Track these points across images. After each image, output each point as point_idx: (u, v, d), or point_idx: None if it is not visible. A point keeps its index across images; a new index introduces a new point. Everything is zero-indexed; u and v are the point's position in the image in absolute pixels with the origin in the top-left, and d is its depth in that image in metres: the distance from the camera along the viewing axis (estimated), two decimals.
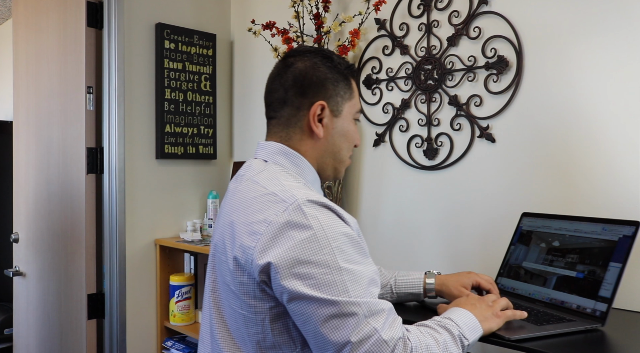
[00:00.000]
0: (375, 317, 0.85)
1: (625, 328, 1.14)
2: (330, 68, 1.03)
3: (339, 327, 0.82)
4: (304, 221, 0.86)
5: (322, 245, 0.85)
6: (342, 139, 1.06)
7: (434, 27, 1.79)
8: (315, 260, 0.84)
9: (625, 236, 1.16)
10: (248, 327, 0.91)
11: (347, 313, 0.83)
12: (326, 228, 0.87)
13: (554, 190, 1.52)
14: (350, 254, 0.88)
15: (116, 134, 2.19)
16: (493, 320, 1.02)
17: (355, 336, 0.82)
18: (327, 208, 0.90)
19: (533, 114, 1.56)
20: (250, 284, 0.88)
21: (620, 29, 1.40)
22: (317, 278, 0.84)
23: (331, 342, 0.83)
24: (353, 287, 0.85)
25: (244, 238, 0.89)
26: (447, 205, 1.76)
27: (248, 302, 0.89)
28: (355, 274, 0.86)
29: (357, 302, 0.84)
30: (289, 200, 0.89)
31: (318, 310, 0.83)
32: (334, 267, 0.84)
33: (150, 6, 2.30)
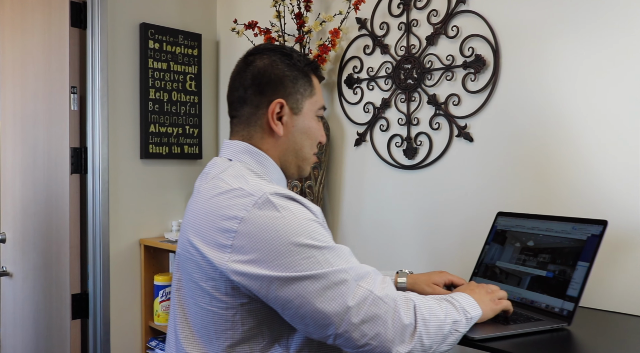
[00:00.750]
0: (365, 279, 0.88)
1: (591, 327, 1.14)
2: (289, 65, 1.03)
3: (335, 297, 0.84)
4: (275, 213, 0.87)
5: (297, 232, 0.86)
6: (304, 136, 1.06)
7: (414, 26, 1.79)
8: (294, 246, 0.86)
9: (593, 235, 1.16)
10: (216, 324, 0.91)
11: (338, 281, 0.85)
12: (298, 215, 0.88)
13: (531, 189, 1.51)
14: (325, 235, 0.90)
15: (100, 134, 2.19)
16: (490, 306, 1.04)
17: (352, 300, 0.85)
18: (294, 200, 0.91)
19: (509, 113, 1.56)
20: (222, 280, 0.88)
21: (595, 28, 1.39)
22: (299, 262, 0.85)
23: (331, 313, 0.84)
24: (335, 259, 0.87)
25: (215, 236, 0.89)
26: (426, 205, 1.76)
27: (219, 298, 0.89)
28: (334, 248, 0.89)
29: (344, 268, 0.86)
30: (257, 193, 0.89)
31: (309, 287, 0.84)
32: (313, 249, 0.86)
33: (134, 6, 2.30)
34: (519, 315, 1.15)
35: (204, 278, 0.90)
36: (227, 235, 0.87)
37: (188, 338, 0.94)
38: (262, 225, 0.86)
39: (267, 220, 0.86)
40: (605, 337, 1.07)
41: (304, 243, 0.86)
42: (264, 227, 0.86)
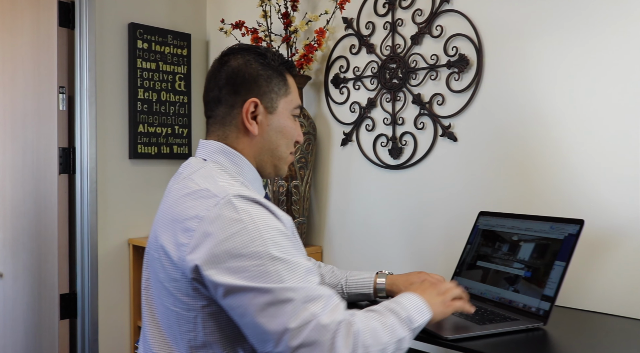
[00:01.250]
0: (314, 302, 0.83)
1: (567, 326, 1.14)
2: (263, 65, 1.03)
3: (276, 315, 0.81)
4: (234, 215, 0.86)
5: (253, 237, 0.84)
6: (279, 135, 1.05)
7: (399, 25, 1.78)
8: (248, 252, 0.84)
9: (570, 235, 1.15)
10: (180, 325, 0.90)
11: (283, 299, 0.82)
12: (257, 221, 0.86)
13: (514, 189, 1.51)
14: (284, 246, 0.87)
15: (88, 134, 2.19)
16: (440, 308, 1.00)
17: (293, 322, 0.81)
18: (259, 204, 0.90)
19: (493, 113, 1.56)
20: (184, 281, 0.88)
21: (576, 28, 1.39)
22: (251, 271, 0.83)
23: (270, 331, 0.81)
24: (288, 275, 0.84)
25: (178, 235, 0.89)
26: (412, 204, 1.76)
27: (181, 299, 0.89)
28: (291, 264, 0.85)
29: (293, 287, 0.83)
30: (221, 195, 0.89)
31: (254, 300, 0.82)
32: (266, 258, 0.84)
33: (122, 6, 2.30)
34: (496, 315, 1.15)
35: (167, 279, 0.90)
36: (186, 235, 0.87)
37: (155, 338, 0.94)
38: (218, 226, 0.85)
39: (224, 222, 0.85)
40: (579, 337, 1.07)
41: (256, 251, 0.83)
42: (220, 228, 0.84)
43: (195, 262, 0.84)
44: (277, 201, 1.95)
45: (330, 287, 1.30)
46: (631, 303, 1.30)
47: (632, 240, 1.30)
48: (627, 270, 1.31)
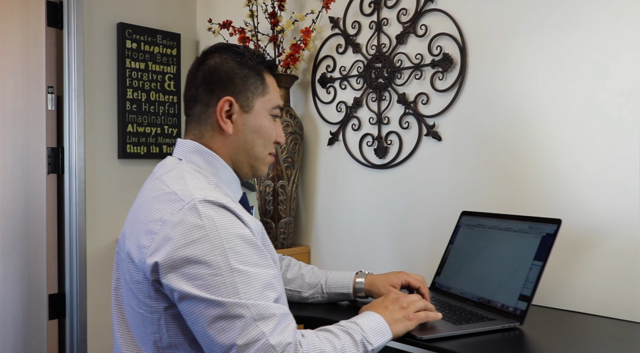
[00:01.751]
0: (265, 321, 0.83)
1: (544, 326, 1.13)
2: (239, 63, 1.02)
3: (225, 329, 0.81)
4: (197, 221, 0.85)
5: (213, 246, 0.84)
6: (255, 135, 1.04)
7: (384, 25, 1.78)
8: (206, 260, 0.83)
9: (548, 234, 1.15)
10: (145, 326, 0.90)
11: (234, 315, 0.81)
12: (220, 229, 0.85)
13: (497, 188, 1.51)
14: (246, 255, 0.86)
15: (76, 134, 2.19)
16: (403, 323, 1.01)
17: (241, 339, 0.81)
18: (225, 209, 0.89)
19: (476, 112, 1.55)
20: (145, 283, 0.87)
21: (556, 27, 1.39)
22: (206, 279, 0.83)
23: (217, 344, 0.82)
24: (244, 288, 0.83)
25: (140, 237, 0.88)
26: (397, 204, 1.75)
27: (144, 301, 0.89)
28: (249, 276, 0.85)
29: (246, 304, 0.82)
30: (186, 199, 0.88)
31: (205, 311, 0.82)
32: (224, 268, 0.83)
33: (111, 6, 2.30)
34: (474, 315, 1.14)
35: (131, 280, 0.90)
36: (148, 237, 0.86)
37: (124, 338, 0.93)
38: (179, 231, 0.84)
39: (185, 227, 0.84)
40: (554, 336, 1.07)
41: (215, 261, 0.83)
42: (181, 233, 0.84)
43: (152, 264, 0.84)
44: (264, 201, 1.95)
45: (310, 286, 1.30)
46: (610, 303, 1.30)
47: (611, 239, 1.30)
48: (607, 270, 1.31)
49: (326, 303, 1.31)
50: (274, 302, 0.88)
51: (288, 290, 1.31)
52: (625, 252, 1.28)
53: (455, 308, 1.21)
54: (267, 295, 0.86)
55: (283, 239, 1.96)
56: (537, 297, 1.37)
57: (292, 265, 1.35)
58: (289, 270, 1.33)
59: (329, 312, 1.25)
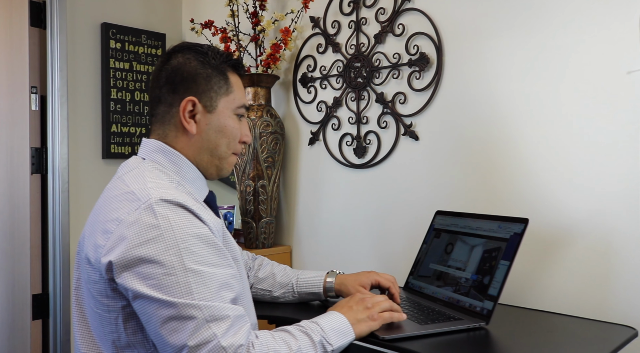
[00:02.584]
0: (218, 322, 0.83)
1: (510, 326, 1.13)
2: (202, 63, 1.02)
3: (177, 330, 0.81)
4: (152, 220, 0.85)
5: (168, 245, 0.84)
6: (219, 134, 1.04)
7: (363, 24, 1.78)
8: (160, 260, 0.83)
9: (515, 234, 1.14)
10: (104, 326, 0.90)
11: (186, 316, 0.81)
12: (175, 229, 0.85)
13: (473, 187, 1.50)
14: (203, 255, 0.86)
15: (59, 134, 2.19)
16: (367, 324, 1.01)
17: (192, 340, 0.81)
18: (183, 208, 0.89)
19: (452, 112, 1.55)
20: (102, 283, 0.87)
21: (528, 26, 1.38)
22: (159, 279, 0.82)
23: (169, 344, 0.82)
24: (198, 289, 0.83)
25: (97, 237, 0.88)
26: (376, 203, 1.75)
27: (101, 301, 0.89)
28: (204, 276, 0.85)
29: (198, 305, 0.82)
30: (143, 198, 0.88)
31: (158, 311, 0.82)
32: (178, 268, 0.83)
33: (95, 6, 2.30)
34: (442, 315, 1.14)
35: (89, 281, 0.90)
36: (104, 237, 0.86)
37: (84, 338, 0.93)
38: (134, 230, 0.84)
39: (140, 227, 0.84)
40: (518, 336, 1.06)
41: (169, 260, 0.83)
42: (136, 233, 0.84)
43: (107, 263, 0.84)
44: (245, 201, 1.94)
45: (281, 285, 1.29)
46: (581, 303, 1.29)
47: (582, 239, 1.29)
48: (578, 270, 1.30)
49: (297, 303, 1.30)
50: (231, 303, 0.88)
51: (259, 289, 1.31)
52: (595, 252, 1.28)
53: (424, 308, 1.20)
54: (222, 296, 0.86)
55: (264, 239, 1.96)
56: (510, 297, 1.37)
57: (264, 264, 1.35)
58: (261, 269, 1.33)
59: (300, 312, 1.24)
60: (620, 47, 1.24)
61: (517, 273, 1.41)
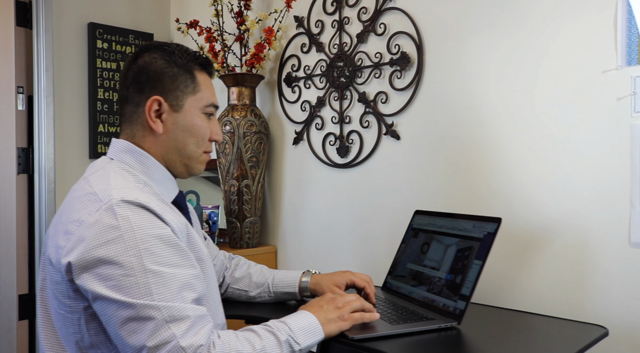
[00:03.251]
0: (178, 322, 0.82)
1: (482, 326, 1.12)
2: (168, 62, 1.02)
3: (136, 331, 0.81)
4: (112, 222, 0.84)
5: (128, 247, 0.83)
6: (187, 134, 1.03)
7: (346, 24, 1.77)
8: (119, 261, 0.82)
9: (488, 233, 1.14)
10: (67, 327, 0.89)
11: (145, 317, 0.81)
12: (136, 230, 0.85)
13: (453, 187, 1.50)
14: (164, 256, 0.86)
15: (45, 134, 2.19)
16: (337, 324, 1.00)
17: (151, 341, 0.80)
18: (145, 209, 0.88)
19: (432, 111, 1.55)
20: (64, 284, 0.87)
21: (506, 25, 1.38)
22: (118, 280, 0.82)
23: (128, 345, 0.81)
24: (158, 289, 0.83)
25: (59, 238, 0.88)
26: (359, 203, 1.75)
27: (64, 302, 0.88)
28: (164, 277, 0.84)
29: (157, 305, 0.81)
30: (104, 199, 0.87)
31: (117, 312, 0.81)
32: (138, 269, 0.82)
33: (81, 6, 2.30)
34: (415, 315, 1.14)
35: (52, 281, 0.89)
36: (65, 237, 0.86)
37: (48, 338, 0.93)
38: (94, 231, 0.83)
39: (100, 228, 0.83)
40: (489, 336, 1.06)
41: (128, 261, 0.82)
42: (95, 234, 0.83)
43: (66, 264, 0.84)
44: (229, 200, 1.94)
45: (257, 285, 1.29)
46: (558, 303, 1.29)
47: (559, 239, 1.29)
48: (555, 270, 1.30)
49: (274, 302, 1.30)
50: (194, 303, 0.87)
51: (236, 289, 1.31)
52: (571, 252, 1.27)
53: (400, 307, 1.20)
54: (184, 296, 0.85)
55: (248, 239, 1.95)
56: (489, 297, 1.37)
57: (240, 264, 1.34)
58: (238, 269, 1.33)
59: (276, 312, 1.24)
60: (596, 47, 1.23)
61: (495, 274, 1.40)
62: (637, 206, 1.17)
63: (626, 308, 1.19)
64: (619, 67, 1.20)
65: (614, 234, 1.21)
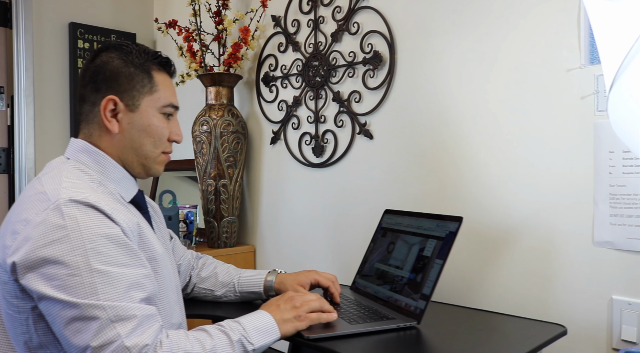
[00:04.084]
0: (124, 322, 0.82)
1: (442, 325, 1.11)
2: (125, 62, 1.02)
3: (80, 331, 0.80)
4: (59, 221, 0.84)
5: (74, 246, 0.83)
6: (143, 134, 1.03)
7: (321, 23, 1.77)
8: (65, 261, 0.82)
9: (450, 232, 1.13)
10: (15, 327, 0.89)
11: (89, 316, 0.81)
12: (83, 229, 0.84)
13: (424, 186, 1.50)
14: (112, 256, 0.85)
15: (25, 134, 2.19)
16: (293, 323, 1.00)
17: (95, 341, 0.80)
18: (94, 208, 0.88)
19: (404, 110, 1.54)
20: (11, 284, 0.86)
21: (475, 25, 1.38)
22: (64, 280, 0.82)
23: (73, 345, 0.81)
24: (104, 289, 0.82)
25: (6, 238, 0.88)
26: (333, 203, 1.74)
27: (12, 302, 0.88)
28: (111, 276, 0.84)
29: (102, 305, 0.81)
30: (53, 199, 0.87)
31: (61, 312, 0.81)
32: (83, 269, 0.82)
33: (62, 6, 2.30)
34: (376, 314, 1.13)
35: (0, 282, 0.89)
36: (12, 237, 0.86)
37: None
38: (40, 231, 0.83)
39: (46, 228, 0.83)
40: (447, 335, 1.05)
41: (74, 261, 0.82)
42: (41, 234, 0.83)
43: (11, 264, 0.83)
44: (206, 200, 1.94)
45: (223, 285, 1.29)
46: (525, 303, 1.28)
47: (525, 238, 1.29)
48: (521, 269, 1.30)
49: (240, 302, 1.30)
50: (144, 303, 0.87)
51: (202, 289, 1.31)
52: (537, 251, 1.27)
53: (364, 307, 1.20)
54: (131, 296, 0.85)
55: (226, 238, 1.95)
56: (457, 297, 1.37)
57: (207, 263, 1.34)
58: (204, 268, 1.33)
59: (242, 311, 1.22)
60: (560, 46, 1.23)
61: (465, 273, 1.40)
62: (600, 205, 1.17)
63: (589, 306, 1.19)
64: (583, 66, 1.20)
65: (578, 233, 1.21)
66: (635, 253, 1.13)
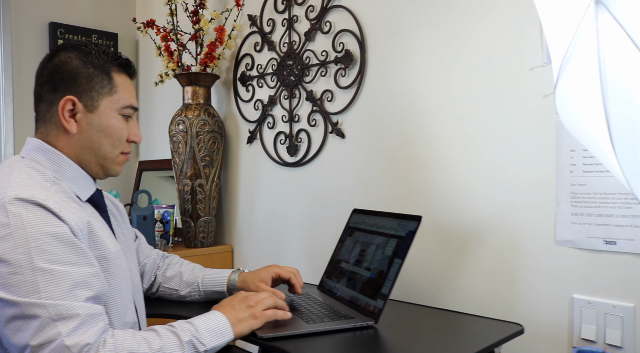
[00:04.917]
0: (65, 321, 0.81)
1: (400, 325, 1.11)
2: (84, 62, 1.01)
3: (21, 329, 0.80)
4: (3, 219, 0.84)
5: (17, 244, 0.83)
6: (101, 134, 1.03)
7: (295, 22, 1.77)
8: (7, 259, 0.82)
9: (410, 232, 1.13)
10: None
11: (29, 315, 0.80)
12: (27, 227, 0.84)
13: (394, 185, 1.49)
14: (57, 254, 0.85)
15: (4, 134, 2.19)
16: (248, 322, 1.00)
17: (35, 340, 0.79)
18: (40, 206, 0.87)
19: (375, 109, 1.54)
20: None
21: (443, 24, 1.37)
22: (5, 278, 0.81)
23: (12, 344, 0.80)
24: (47, 287, 0.82)
25: None
26: (307, 202, 1.74)
27: None
28: (55, 275, 0.83)
29: (44, 304, 0.80)
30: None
31: (2, 310, 0.81)
32: (26, 267, 0.82)
33: (41, 5, 2.29)
34: (335, 313, 1.13)
35: None
36: None
37: None
38: None
39: None
40: (403, 335, 1.05)
41: (17, 259, 0.81)
42: None
43: None
44: (183, 200, 1.93)
45: (187, 284, 1.29)
46: (490, 303, 1.28)
47: (491, 237, 1.28)
48: (488, 268, 1.29)
49: (204, 301, 1.29)
50: (88, 301, 0.87)
51: (167, 288, 1.30)
52: (501, 250, 1.27)
53: (326, 306, 1.19)
54: (76, 294, 0.84)
55: (203, 238, 1.95)
56: (424, 297, 1.37)
57: (173, 263, 1.34)
58: (169, 268, 1.32)
59: (206, 310, 1.23)
60: (523, 44, 1.23)
61: (432, 273, 1.40)
62: (562, 204, 1.17)
63: (551, 306, 1.18)
64: (545, 64, 1.19)
65: (540, 232, 1.20)
66: (595, 252, 1.12)
